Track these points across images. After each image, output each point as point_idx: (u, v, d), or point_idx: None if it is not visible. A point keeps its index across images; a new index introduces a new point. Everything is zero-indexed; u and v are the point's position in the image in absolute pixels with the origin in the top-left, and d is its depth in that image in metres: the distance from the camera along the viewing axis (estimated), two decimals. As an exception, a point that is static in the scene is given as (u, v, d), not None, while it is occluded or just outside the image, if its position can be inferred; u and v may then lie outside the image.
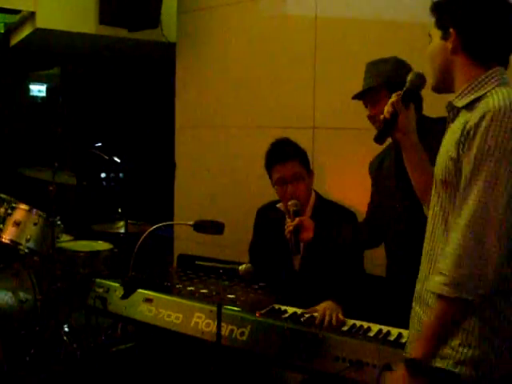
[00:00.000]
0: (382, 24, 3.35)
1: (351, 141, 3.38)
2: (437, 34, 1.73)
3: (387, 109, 1.90)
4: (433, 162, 1.85)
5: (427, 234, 1.79)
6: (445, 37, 1.69)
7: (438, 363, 1.61)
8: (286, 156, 2.80)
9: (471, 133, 1.53)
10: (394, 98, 1.90)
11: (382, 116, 1.92)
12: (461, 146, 1.57)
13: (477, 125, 1.52)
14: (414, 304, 1.84)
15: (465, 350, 1.58)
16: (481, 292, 1.49)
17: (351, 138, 3.38)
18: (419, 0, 3.20)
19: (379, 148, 2.66)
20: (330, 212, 2.83)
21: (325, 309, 2.41)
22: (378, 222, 2.66)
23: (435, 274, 1.59)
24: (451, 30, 1.67)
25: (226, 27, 4.19)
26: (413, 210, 2.37)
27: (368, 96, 2.48)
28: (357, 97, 2.53)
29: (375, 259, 2.84)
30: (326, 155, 2.98)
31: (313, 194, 2.89)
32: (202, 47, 4.37)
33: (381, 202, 2.63)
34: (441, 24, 1.72)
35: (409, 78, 1.93)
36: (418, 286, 1.83)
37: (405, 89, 1.91)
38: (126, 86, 6.46)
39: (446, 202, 1.67)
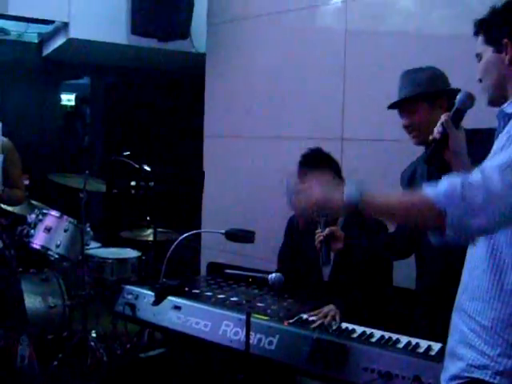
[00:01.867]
0: (412, 36, 3.36)
1: (380, 152, 3.39)
2: (487, 50, 1.74)
3: (437, 129, 1.89)
4: None
5: (469, 251, 1.78)
6: (499, 49, 1.71)
7: (476, 374, 1.60)
8: (317, 163, 2.83)
9: None
10: (443, 118, 1.90)
11: (431, 137, 1.92)
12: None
13: None
14: (453, 315, 1.82)
15: (504, 361, 1.57)
16: (465, 222, 1.45)
17: (380, 149, 3.39)
18: (450, 12, 3.21)
19: (408, 159, 2.68)
20: (360, 223, 2.84)
21: (324, 312, 2.46)
22: (409, 233, 2.66)
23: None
24: (506, 41, 1.68)
25: (255, 38, 4.23)
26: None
27: (404, 106, 2.49)
28: (392, 106, 2.53)
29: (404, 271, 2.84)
30: (355, 166, 2.98)
31: None
32: (231, 58, 4.42)
33: None
34: (492, 39, 1.73)
35: (458, 97, 1.93)
36: (457, 295, 1.80)
37: (455, 109, 1.91)
38: (155, 96, 6.54)
39: None
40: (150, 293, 2.74)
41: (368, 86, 3.51)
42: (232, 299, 2.65)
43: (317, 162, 2.85)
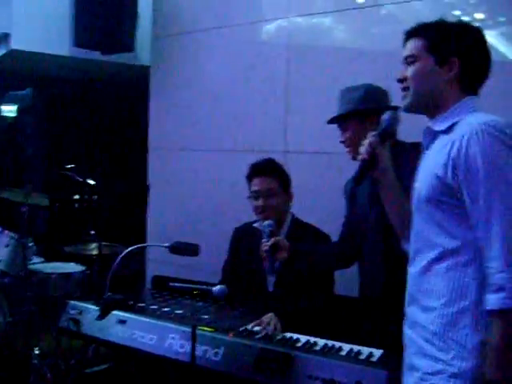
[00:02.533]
0: (355, 51, 3.46)
1: (322, 165, 3.48)
2: (428, 57, 1.78)
3: (365, 149, 1.91)
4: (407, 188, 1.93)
5: (411, 255, 1.84)
6: (441, 63, 1.77)
7: (432, 380, 1.66)
8: (265, 171, 2.90)
9: (461, 151, 1.61)
10: (369, 137, 1.92)
11: (360, 157, 1.93)
12: (450, 164, 1.64)
13: (469, 138, 1.60)
14: (404, 328, 1.87)
15: (458, 363, 1.63)
16: None
17: (323, 161, 3.48)
18: (390, 29, 3.33)
19: (351, 171, 2.75)
20: (304, 233, 2.91)
21: (264, 321, 2.51)
22: (352, 243, 2.73)
23: (488, 292, 1.59)
24: (455, 60, 1.75)
25: (200, 52, 4.25)
26: (388, 233, 2.46)
27: (339, 123, 2.59)
28: (331, 122, 2.62)
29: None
30: (298, 179, 3.04)
31: (289, 215, 2.96)
32: (176, 71, 4.43)
33: (355, 222, 2.71)
34: (438, 51, 1.77)
35: (383, 117, 1.97)
36: (406, 309, 1.86)
37: (380, 130, 1.94)
38: (99, 108, 6.48)
39: (433, 221, 1.73)
40: (94, 307, 2.71)
41: (310, 100, 3.60)
42: (177, 312, 2.65)
43: (264, 167, 2.92)
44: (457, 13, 3.17)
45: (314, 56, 3.61)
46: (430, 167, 1.74)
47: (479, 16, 3.13)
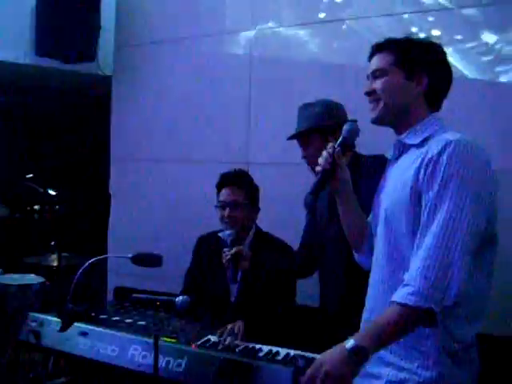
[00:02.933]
0: (317, 65, 3.52)
1: (285, 175, 3.52)
2: (397, 72, 1.81)
3: (325, 159, 1.88)
4: (365, 200, 1.97)
5: (372, 267, 1.88)
6: (409, 77, 1.81)
7: None
8: (234, 182, 2.93)
9: (433, 160, 1.64)
10: (330, 148, 1.90)
11: (318, 168, 1.89)
12: (421, 176, 1.66)
13: (440, 153, 1.63)
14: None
15: (423, 372, 1.66)
16: (444, 303, 1.54)
17: (285, 172, 3.52)
18: (351, 43, 3.40)
19: (311, 181, 2.80)
20: (267, 244, 2.94)
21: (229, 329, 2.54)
22: (312, 252, 2.77)
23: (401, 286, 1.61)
24: (423, 76, 1.80)
25: (163, 63, 4.26)
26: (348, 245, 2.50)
27: (299, 139, 2.63)
28: (291, 138, 2.66)
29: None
30: (260, 190, 3.08)
31: (253, 226, 3.00)
32: (139, 81, 4.42)
33: (315, 234, 2.75)
34: (407, 66, 1.81)
35: (344, 128, 1.97)
36: (365, 316, 1.89)
37: (341, 140, 1.93)
38: (61, 118, 6.39)
39: (392, 235, 1.76)
40: (55, 319, 2.68)
41: (273, 111, 3.65)
42: (139, 323, 2.65)
43: (234, 178, 2.95)
44: (414, 29, 3.27)
45: (277, 69, 3.66)
46: (400, 179, 1.77)
47: (436, 33, 3.23)
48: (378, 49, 1.87)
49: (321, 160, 1.90)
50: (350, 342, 1.54)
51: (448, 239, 1.57)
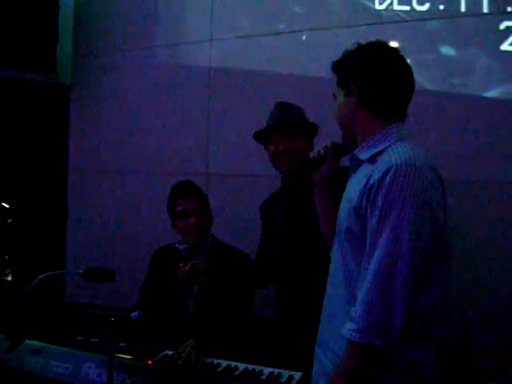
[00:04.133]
0: (274, 76, 3.52)
1: (242, 187, 3.50)
2: (340, 92, 1.82)
3: (321, 150, 1.97)
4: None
5: (329, 279, 1.86)
6: (347, 94, 1.79)
7: None
8: (189, 191, 2.90)
9: (375, 186, 1.61)
10: (329, 144, 1.97)
11: (311, 154, 2.00)
12: (364, 198, 1.64)
13: (380, 179, 1.60)
14: (316, 347, 1.88)
15: None
16: (389, 337, 1.54)
17: (242, 183, 3.50)
18: (313, 53, 3.41)
19: (268, 193, 2.79)
20: (224, 254, 2.90)
21: (186, 347, 2.47)
22: (268, 264, 2.75)
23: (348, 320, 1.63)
24: (352, 87, 1.76)
25: (121, 73, 4.20)
26: (301, 254, 2.49)
27: (282, 132, 2.54)
28: (269, 131, 2.59)
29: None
30: (219, 201, 3.05)
31: (209, 236, 2.95)
32: (96, 91, 4.35)
33: (270, 243, 2.73)
34: (343, 82, 1.81)
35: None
36: (319, 329, 1.87)
37: (341, 145, 1.95)
38: (15, 128, 6.24)
39: (348, 249, 1.73)
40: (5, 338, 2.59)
41: (232, 122, 3.62)
42: (93, 340, 2.57)
43: (188, 187, 2.91)
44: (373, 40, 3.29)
45: (236, 79, 3.65)
46: (349, 196, 1.76)
47: (394, 45, 3.25)
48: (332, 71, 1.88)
49: (316, 149, 1.99)
50: None
51: (389, 271, 1.56)
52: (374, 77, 1.74)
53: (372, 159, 1.72)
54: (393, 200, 1.58)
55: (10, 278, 3.82)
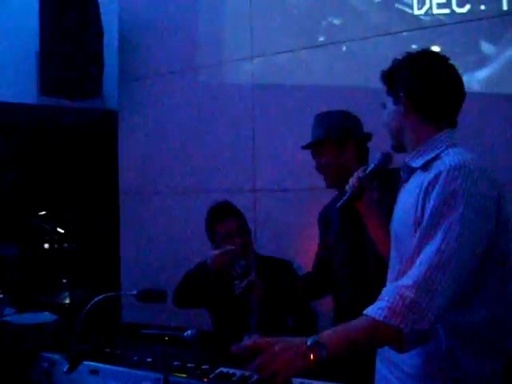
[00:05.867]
0: (316, 87, 3.52)
1: (291, 201, 3.49)
2: (389, 100, 1.82)
3: (353, 182, 1.96)
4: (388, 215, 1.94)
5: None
6: (396, 102, 1.78)
7: None
8: (231, 211, 2.89)
9: (429, 189, 1.58)
10: (360, 173, 1.96)
11: (347, 187, 1.98)
12: (421, 204, 1.61)
13: (433, 182, 1.58)
14: (378, 364, 1.83)
15: None
16: (417, 327, 1.45)
17: (291, 198, 3.49)
18: (354, 64, 3.40)
19: (319, 207, 2.78)
20: (270, 267, 2.90)
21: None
22: (326, 273, 2.73)
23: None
24: (401, 94, 1.76)
25: (167, 95, 4.30)
26: (358, 265, 2.46)
27: (315, 148, 2.58)
28: (306, 147, 2.61)
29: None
30: (268, 216, 3.05)
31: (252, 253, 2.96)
32: (144, 114, 4.46)
33: (328, 252, 2.71)
34: (392, 90, 1.80)
35: (377, 157, 1.98)
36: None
37: (373, 166, 1.96)
38: (67, 155, 6.42)
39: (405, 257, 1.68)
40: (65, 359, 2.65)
41: (277, 137, 3.64)
42: (148, 360, 2.61)
43: (227, 208, 2.91)
44: (414, 46, 3.25)
45: (280, 95, 3.67)
46: (404, 206, 1.74)
47: (435, 49, 3.20)
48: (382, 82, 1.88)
49: (350, 182, 1.97)
50: (311, 339, 1.44)
51: (436, 268, 1.49)
52: (422, 83, 1.74)
53: (425, 167, 1.70)
54: (445, 201, 1.54)
55: (68, 301, 3.91)
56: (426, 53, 1.82)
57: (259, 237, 3.24)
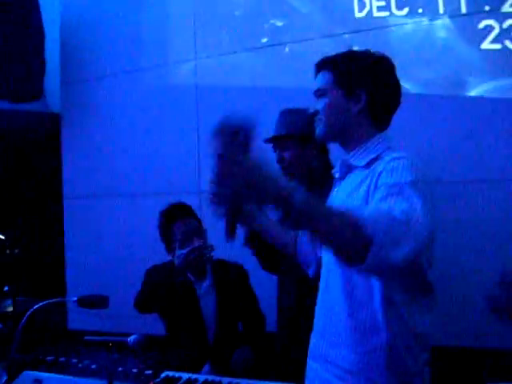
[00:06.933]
0: (263, 89, 3.54)
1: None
2: (336, 90, 1.78)
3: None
4: None
5: (322, 285, 1.83)
6: (349, 96, 1.76)
7: None
8: (186, 213, 2.86)
9: (381, 174, 1.60)
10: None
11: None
12: (370, 195, 1.61)
13: (386, 167, 1.60)
14: (310, 361, 1.84)
15: None
16: (389, 256, 1.36)
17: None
18: (296, 65, 3.42)
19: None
20: (226, 270, 2.93)
21: None
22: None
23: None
24: (360, 92, 1.75)
25: (110, 97, 4.23)
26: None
27: (278, 142, 2.63)
28: (269, 141, 2.65)
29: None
30: (213, 219, 3.03)
31: None
32: (87, 117, 4.37)
33: None
34: (345, 84, 1.76)
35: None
36: (313, 341, 1.83)
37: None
38: (8, 159, 6.24)
39: None
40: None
41: (222, 139, 3.63)
42: (93, 366, 2.56)
43: (185, 208, 2.89)
44: (356, 48, 3.30)
45: (221, 96, 3.66)
46: (347, 201, 1.73)
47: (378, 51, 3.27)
48: (318, 68, 1.84)
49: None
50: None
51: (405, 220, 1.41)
52: (385, 86, 1.77)
53: (368, 165, 1.72)
54: (400, 178, 1.54)
55: (10, 309, 3.81)
56: (384, 57, 1.81)
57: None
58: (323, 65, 1.82)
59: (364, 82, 1.75)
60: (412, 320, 1.65)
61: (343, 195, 1.78)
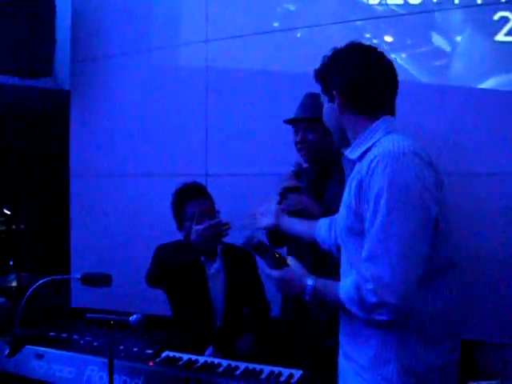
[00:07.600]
0: (272, 74, 3.52)
1: (244, 186, 3.49)
2: (325, 99, 1.84)
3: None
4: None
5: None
6: (330, 99, 1.80)
7: None
8: (200, 193, 2.86)
9: (366, 181, 1.62)
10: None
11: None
12: (357, 196, 1.65)
13: (367, 173, 1.61)
14: (340, 356, 1.87)
15: None
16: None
17: (244, 183, 3.50)
18: (307, 51, 3.40)
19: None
20: (235, 254, 2.94)
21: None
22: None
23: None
24: (334, 92, 1.77)
25: (119, 76, 4.22)
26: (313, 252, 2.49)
27: (303, 124, 2.64)
28: (293, 121, 2.67)
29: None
30: (219, 201, 3.04)
31: None
32: (96, 96, 4.37)
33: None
34: (325, 89, 1.82)
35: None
36: (341, 338, 1.87)
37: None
38: (16, 135, 6.25)
39: (351, 248, 1.74)
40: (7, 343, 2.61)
41: (229, 122, 3.63)
42: (95, 344, 2.59)
43: (201, 188, 2.90)
44: (367, 35, 3.29)
45: (232, 79, 3.65)
46: (344, 197, 1.77)
47: (388, 39, 3.25)
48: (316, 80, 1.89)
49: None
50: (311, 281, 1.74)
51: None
52: (351, 78, 1.75)
53: (361, 158, 1.73)
54: (378, 194, 1.58)
55: (15, 284, 3.84)
56: (352, 46, 1.81)
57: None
58: (314, 77, 1.88)
59: (332, 81, 1.79)
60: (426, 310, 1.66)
61: (344, 195, 1.82)
